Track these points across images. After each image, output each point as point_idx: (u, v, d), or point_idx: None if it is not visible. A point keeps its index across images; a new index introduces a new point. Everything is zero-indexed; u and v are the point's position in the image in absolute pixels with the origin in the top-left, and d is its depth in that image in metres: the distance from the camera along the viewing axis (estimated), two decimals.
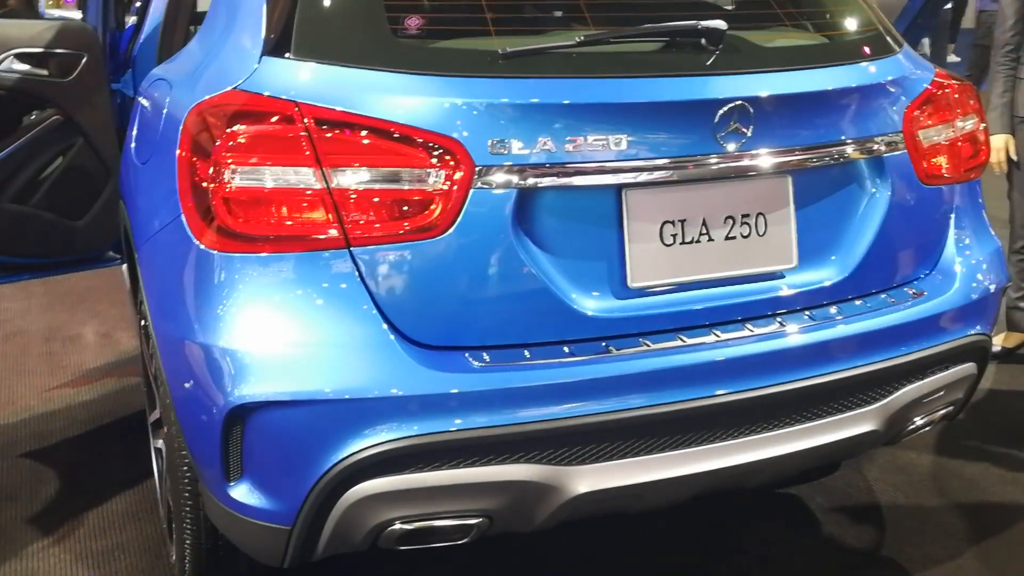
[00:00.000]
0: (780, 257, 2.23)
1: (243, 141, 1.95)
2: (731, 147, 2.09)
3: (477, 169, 1.94)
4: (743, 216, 2.18)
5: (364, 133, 1.94)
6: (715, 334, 2.13)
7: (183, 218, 2.03)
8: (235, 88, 2.03)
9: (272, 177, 1.94)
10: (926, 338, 2.32)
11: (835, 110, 2.24)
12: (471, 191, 1.95)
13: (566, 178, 2.00)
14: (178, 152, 2.07)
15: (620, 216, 2.07)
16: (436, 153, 1.94)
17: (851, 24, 2.45)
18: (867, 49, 2.38)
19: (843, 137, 2.24)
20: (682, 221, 2.12)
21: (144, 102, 2.54)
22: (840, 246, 2.30)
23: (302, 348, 1.93)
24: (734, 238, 2.17)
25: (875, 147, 2.29)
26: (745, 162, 2.12)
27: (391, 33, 2.05)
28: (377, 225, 1.94)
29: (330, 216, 1.93)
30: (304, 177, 1.93)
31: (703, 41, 2.12)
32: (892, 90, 2.34)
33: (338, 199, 1.93)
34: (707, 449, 2.11)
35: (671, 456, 2.08)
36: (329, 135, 1.94)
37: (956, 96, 2.49)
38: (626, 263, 2.08)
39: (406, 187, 1.95)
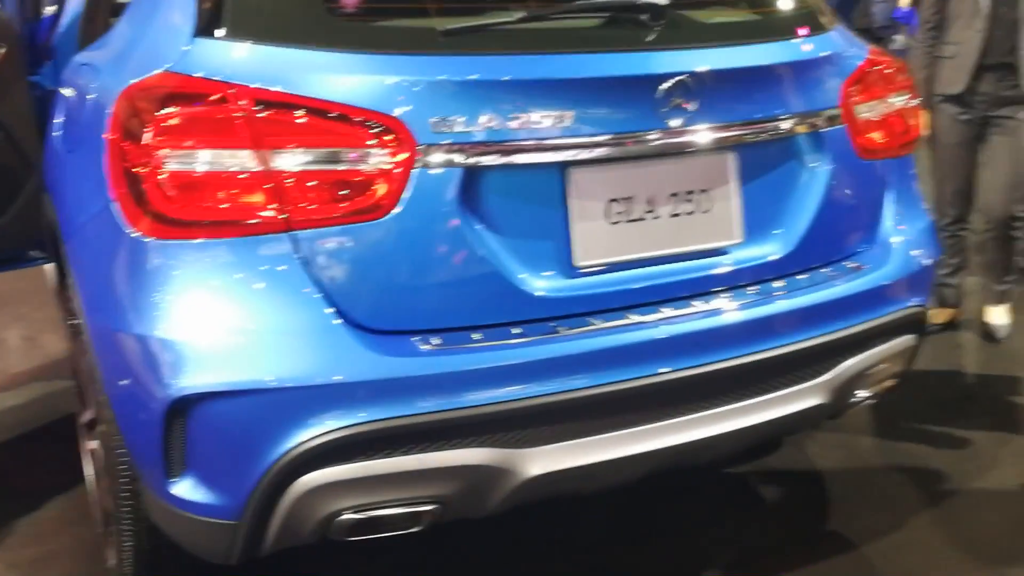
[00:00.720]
0: (725, 233, 2.23)
1: (176, 124, 1.88)
2: (674, 123, 2.08)
3: (419, 148, 1.90)
4: (687, 193, 2.18)
5: (301, 113, 1.89)
6: (661, 311, 2.12)
7: (114, 205, 1.95)
8: (166, 71, 1.96)
9: (207, 161, 1.87)
10: (867, 311, 2.35)
11: (774, 85, 2.25)
12: (413, 171, 1.91)
13: (510, 156, 1.97)
14: (108, 138, 1.99)
15: (565, 195, 2.05)
16: (376, 132, 1.89)
17: (785, 2, 2.47)
18: (802, 26, 2.39)
19: (783, 112, 2.25)
20: (627, 199, 2.11)
21: (68, 89, 2.44)
22: (783, 221, 2.32)
23: (244, 336, 1.87)
24: (679, 215, 2.17)
25: (814, 122, 2.31)
26: (688, 138, 2.11)
27: (327, 11, 1.99)
28: (318, 207, 1.89)
29: (269, 199, 1.88)
30: (241, 160, 1.87)
31: (644, 17, 2.11)
32: (828, 65, 2.37)
33: (277, 182, 1.88)
34: (657, 427, 2.11)
35: (622, 435, 2.07)
36: (265, 116, 1.88)
37: (889, 72, 2.52)
38: (572, 242, 2.06)
39: (346, 168, 1.90)
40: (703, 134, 2.13)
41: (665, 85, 2.04)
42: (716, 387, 2.16)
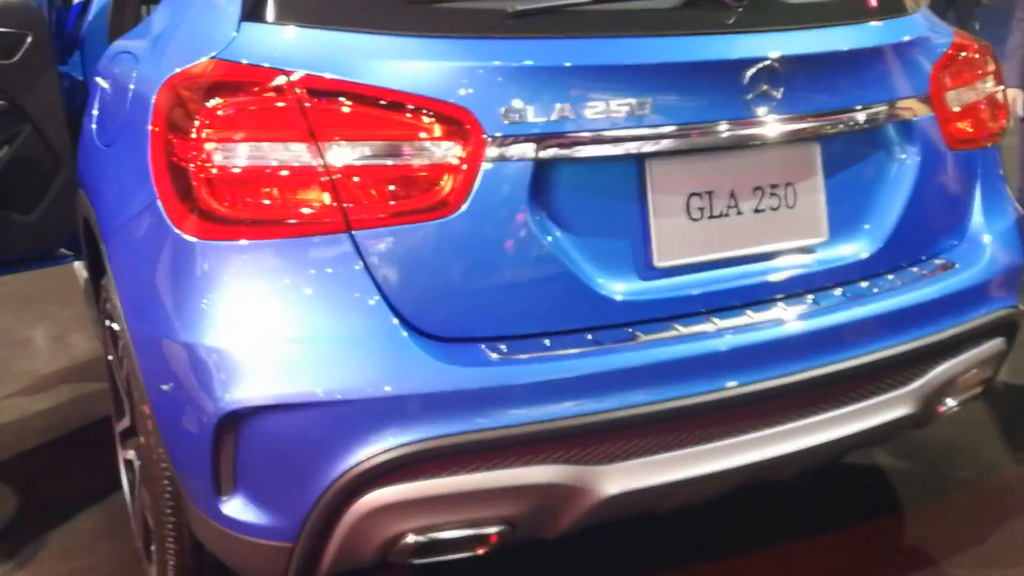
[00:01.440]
0: (811, 230, 2.07)
1: (227, 115, 1.73)
2: (761, 112, 1.92)
3: (489, 140, 1.75)
4: (771, 187, 2.02)
5: (362, 103, 1.74)
6: (747, 316, 1.97)
7: (159, 204, 1.81)
8: (213, 58, 1.81)
9: (261, 155, 1.73)
10: (959, 312, 2.19)
11: (862, 70, 2.08)
12: (483, 165, 1.76)
13: (586, 148, 1.81)
14: (150, 130, 1.84)
15: (643, 189, 1.89)
16: (443, 123, 1.74)
17: None
18: (888, 6, 2.22)
19: (871, 99, 2.09)
20: (709, 193, 1.95)
21: (104, 79, 2.29)
22: (870, 217, 2.15)
23: (301, 345, 1.73)
24: (763, 211, 2.01)
25: (902, 110, 2.14)
26: (774, 128, 1.95)
27: None
28: (379, 205, 1.74)
29: (327, 196, 1.73)
30: (297, 153, 1.73)
31: None
32: (917, 50, 2.20)
33: (336, 177, 1.73)
34: (742, 441, 1.95)
35: (705, 450, 1.92)
36: (323, 106, 1.73)
37: (977, 57, 2.35)
38: (651, 241, 1.91)
39: (411, 162, 1.75)
40: (789, 123, 1.97)
41: (751, 71, 1.88)
42: (804, 397, 2.00)
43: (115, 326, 2.20)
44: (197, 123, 1.74)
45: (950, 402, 2.31)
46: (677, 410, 1.85)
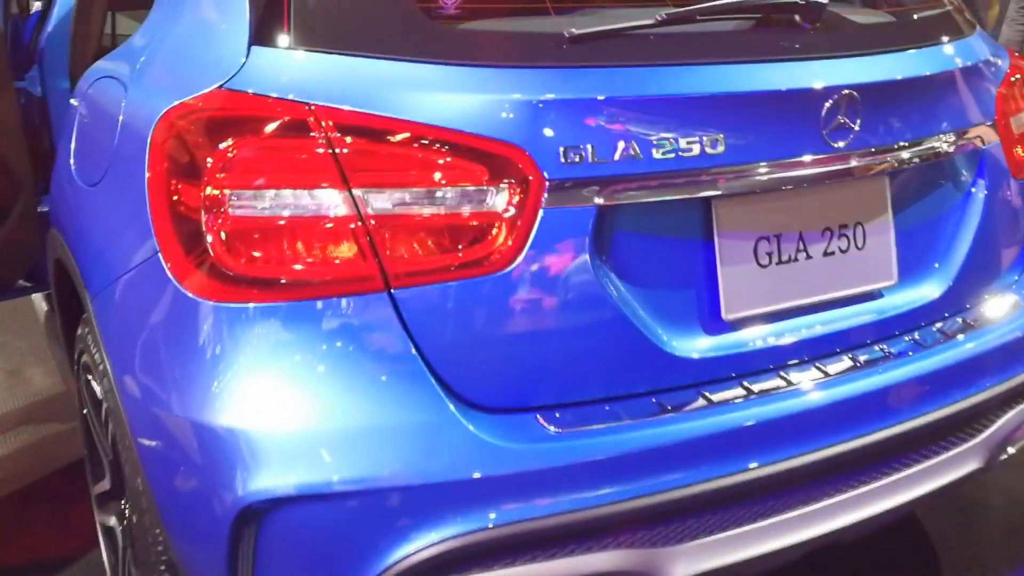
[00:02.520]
0: (880, 273, 1.88)
1: (244, 157, 1.49)
2: (838, 145, 1.73)
3: (548, 184, 1.53)
4: (841, 227, 1.83)
5: (400, 142, 1.51)
6: (821, 371, 1.77)
7: (162, 259, 1.56)
8: (221, 87, 1.56)
9: (285, 203, 1.49)
10: None
11: (936, 97, 1.91)
12: (541, 212, 1.54)
13: (652, 190, 1.60)
14: (149, 173, 1.59)
15: (710, 234, 1.69)
16: (495, 165, 1.52)
17: (926, 3, 2.11)
18: (951, 28, 2.05)
19: (944, 127, 1.91)
20: (778, 236, 1.76)
21: (84, 107, 2.02)
22: (939, 255, 1.98)
23: (333, 424, 1.49)
24: (832, 253, 1.82)
25: (973, 137, 1.97)
26: (851, 163, 1.76)
27: (422, 13, 1.61)
28: (422, 260, 1.52)
29: (363, 250, 1.50)
30: (327, 201, 1.49)
31: (797, 18, 1.75)
32: (983, 73, 2.03)
33: (373, 228, 1.50)
34: (815, 510, 1.76)
35: (777, 523, 1.72)
36: (356, 146, 1.50)
37: None
38: (719, 291, 1.70)
39: (459, 210, 1.52)
40: (865, 157, 1.78)
41: (831, 101, 1.69)
42: (878, 458, 1.82)
43: (96, 385, 1.93)
44: (209, 166, 1.49)
45: (1011, 449, 2.15)
46: (754, 481, 1.66)
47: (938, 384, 1.86)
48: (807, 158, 1.71)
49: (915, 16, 2.03)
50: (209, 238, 1.49)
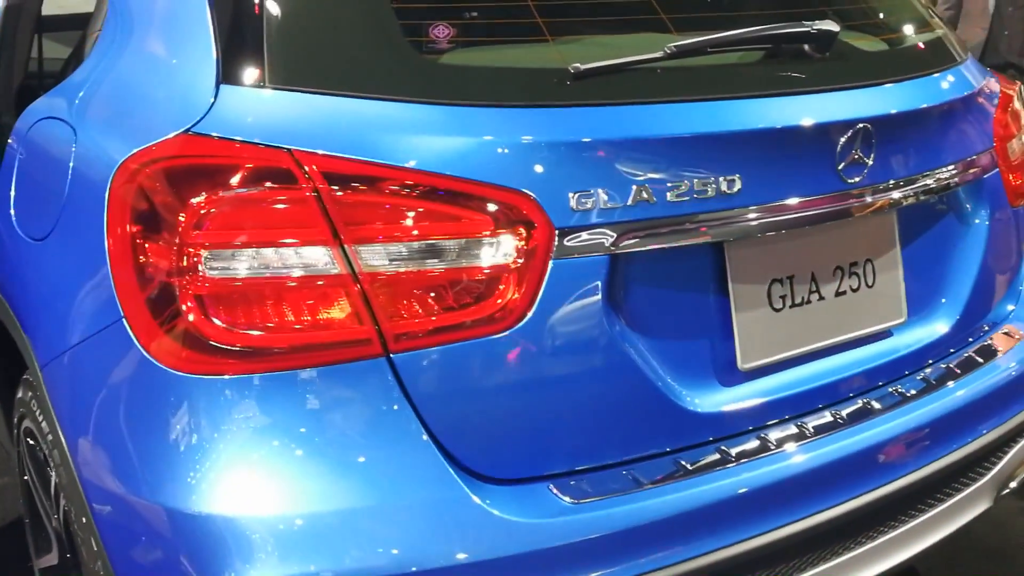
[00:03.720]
0: (890, 312, 1.80)
1: (223, 211, 1.33)
2: (852, 181, 1.64)
3: (557, 233, 1.40)
4: (851, 265, 1.73)
5: (397, 191, 1.36)
6: (837, 417, 1.68)
7: (126, 325, 1.39)
8: (188, 132, 1.40)
9: (269, 261, 1.33)
10: None
11: (940, 127, 1.83)
12: (551, 263, 1.41)
13: (667, 236, 1.48)
14: (108, 229, 1.42)
15: (724, 279, 1.58)
16: (502, 214, 1.38)
17: (920, 29, 2.04)
18: (947, 55, 1.97)
19: (949, 158, 1.83)
20: (790, 278, 1.66)
21: (24, 150, 1.81)
22: (945, 290, 1.90)
23: (329, 506, 1.34)
24: (844, 293, 1.73)
25: (976, 167, 1.90)
26: (865, 199, 1.67)
27: (411, 47, 1.47)
28: (424, 320, 1.37)
29: (359, 311, 1.35)
30: (317, 258, 1.34)
31: (806, 48, 1.65)
32: (980, 101, 1.96)
33: (368, 286, 1.35)
34: (829, 568, 1.66)
35: None
36: (348, 196, 1.35)
37: (1021, 100, 2.14)
38: (734, 339, 1.59)
39: (463, 264, 1.38)
40: (877, 193, 1.69)
41: (846, 135, 1.59)
42: (894, 507, 1.73)
43: (46, 454, 1.73)
44: (181, 222, 1.33)
45: (1013, 484, 2.09)
46: (778, 542, 1.55)
47: (954, 424, 1.79)
48: (822, 195, 1.61)
49: (911, 43, 1.96)
50: (184, 303, 1.33)
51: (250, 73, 1.42)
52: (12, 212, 1.77)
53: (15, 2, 2.70)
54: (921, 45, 1.95)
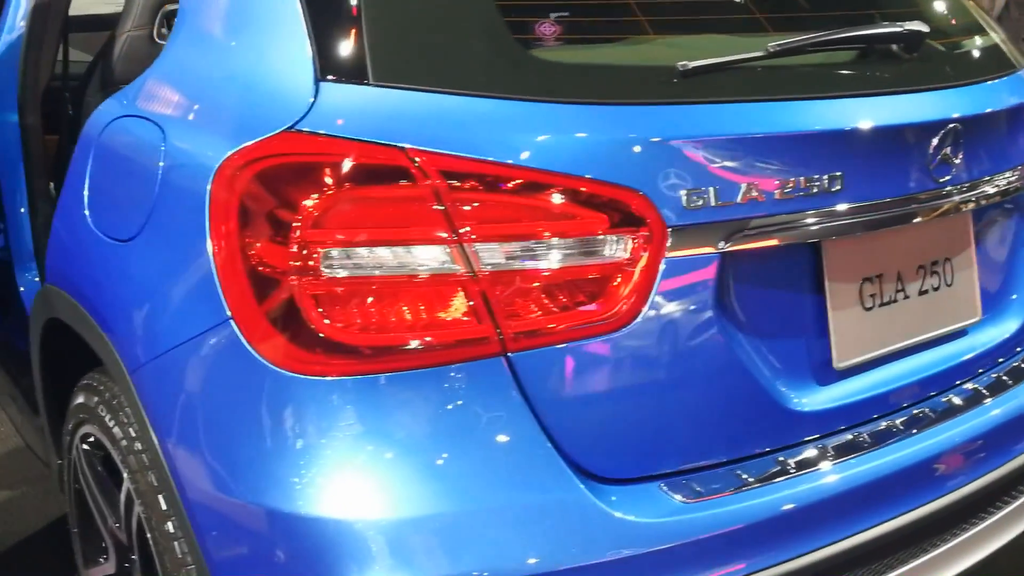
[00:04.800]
0: (966, 310, 1.81)
1: (341, 210, 1.31)
2: (942, 180, 1.65)
3: (671, 231, 1.40)
4: (932, 264, 1.75)
5: (514, 189, 1.35)
6: (927, 414, 1.69)
7: (235, 327, 1.36)
8: (291, 129, 1.37)
9: (387, 260, 1.31)
10: None
11: (1015, 127, 1.85)
12: (664, 261, 1.40)
13: (774, 233, 1.48)
14: (211, 229, 1.39)
15: (820, 277, 1.58)
16: (617, 212, 1.37)
17: (982, 33, 2.06)
18: (1009, 60, 1.99)
19: (1021, 157, 1.85)
20: (879, 277, 1.66)
21: (100, 151, 1.76)
22: (1014, 287, 1.92)
23: (450, 508, 1.32)
24: (927, 292, 1.74)
25: None
26: (951, 198, 1.68)
27: (519, 44, 1.45)
28: (542, 319, 1.36)
29: (477, 310, 1.33)
30: (435, 257, 1.32)
31: (895, 48, 1.66)
32: None
33: (487, 285, 1.33)
34: (915, 567, 1.67)
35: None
36: (465, 194, 1.33)
37: None
38: (830, 337, 1.60)
39: (579, 263, 1.37)
40: (961, 192, 1.71)
41: (939, 134, 1.61)
42: (973, 506, 1.74)
43: (120, 460, 1.68)
44: (298, 221, 1.30)
45: None
46: (873, 541, 1.56)
47: None
48: (914, 194, 1.62)
49: (981, 46, 1.98)
50: (301, 302, 1.30)
51: (351, 69, 1.39)
52: (87, 212, 1.72)
53: (43, 1, 2.65)
54: (989, 49, 1.97)
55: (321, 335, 1.31)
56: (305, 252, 1.30)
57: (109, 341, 1.61)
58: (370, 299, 1.32)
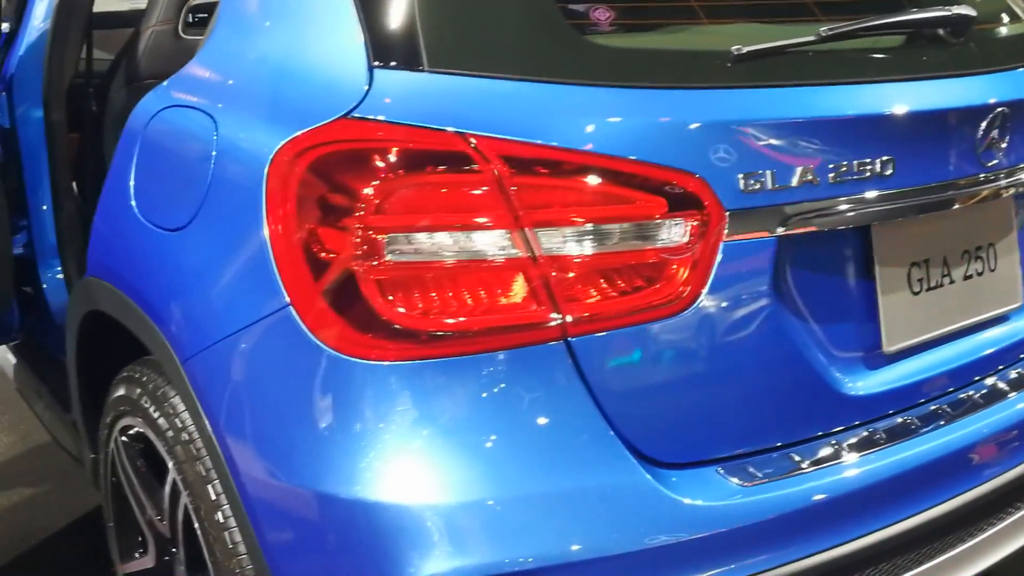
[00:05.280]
0: (1009, 296, 1.82)
1: (404, 195, 1.31)
2: (989, 164, 1.65)
3: (728, 215, 1.40)
4: (976, 249, 1.75)
5: (573, 174, 1.35)
6: (974, 399, 1.69)
7: (294, 312, 1.35)
8: (348, 116, 1.37)
9: (449, 245, 1.31)
10: None
11: None
12: (722, 245, 1.40)
13: (828, 217, 1.49)
14: (269, 215, 1.38)
15: (870, 261, 1.59)
16: (675, 197, 1.37)
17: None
18: None
19: None
20: (926, 261, 1.67)
21: (148, 140, 1.75)
22: None
23: (511, 493, 1.32)
24: (971, 277, 1.74)
25: None
26: (997, 182, 1.69)
27: (574, 30, 1.45)
28: (602, 303, 1.36)
29: (538, 294, 1.33)
30: (497, 241, 1.32)
31: (942, 32, 1.67)
32: None
33: (547, 270, 1.33)
34: (961, 552, 1.67)
35: (929, 568, 1.63)
36: (525, 179, 1.33)
37: None
38: (880, 321, 1.60)
39: (639, 247, 1.37)
40: (1006, 177, 1.71)
41: (987, 119, 1.61)
42: (1017, 492, 1.75)
43: (167, 451, 1.68)
44: (359, 206, 1.30)
45: None
46: (924, 526, 1.56)
47: None
48: (962, 178, 1.63)
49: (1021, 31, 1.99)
50: (363, 288, 1.30)
51: (406, 56, 1.39)
52: (133, 204, 1.72)
53: None
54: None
55: (383, 319, 1.31)
56: (368, 238, 1.30)
57: (159, 331, 1.60)
58: (432, 284, 1.32)
